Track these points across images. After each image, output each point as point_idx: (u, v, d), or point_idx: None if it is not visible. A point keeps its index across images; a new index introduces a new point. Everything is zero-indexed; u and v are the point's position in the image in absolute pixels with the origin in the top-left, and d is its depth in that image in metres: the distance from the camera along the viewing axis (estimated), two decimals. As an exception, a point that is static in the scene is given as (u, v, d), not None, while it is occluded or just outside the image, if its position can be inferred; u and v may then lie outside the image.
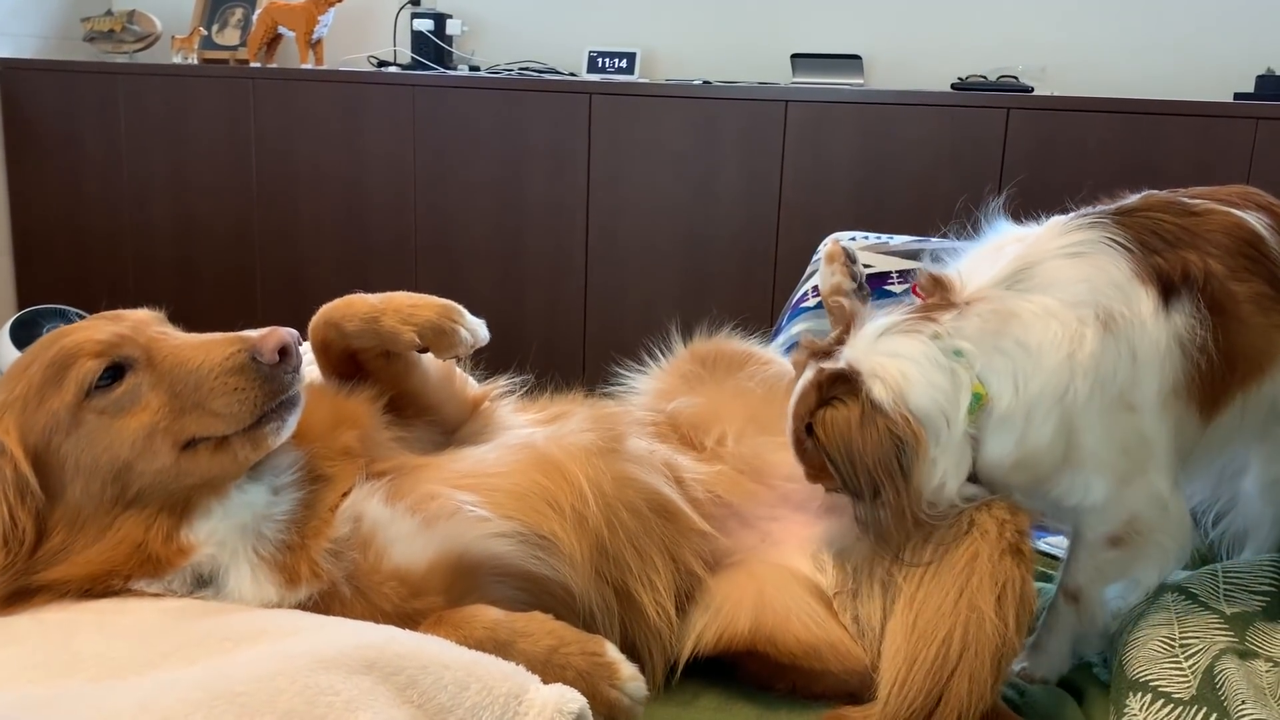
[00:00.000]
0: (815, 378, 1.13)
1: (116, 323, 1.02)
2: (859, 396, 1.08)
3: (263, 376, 0.98)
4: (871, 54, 3.48)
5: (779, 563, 1.22)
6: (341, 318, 1.14)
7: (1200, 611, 1.13)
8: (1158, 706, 1.00)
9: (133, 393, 0.97)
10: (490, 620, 0.99)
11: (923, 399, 1.07)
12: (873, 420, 1.07)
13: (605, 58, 3.65)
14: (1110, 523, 1.14)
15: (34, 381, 0.97)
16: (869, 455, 1.07)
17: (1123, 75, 3.30)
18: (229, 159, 3.62)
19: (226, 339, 1.00)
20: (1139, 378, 1.08)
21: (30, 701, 0.80)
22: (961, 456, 1.09)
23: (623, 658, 1.01)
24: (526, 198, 3.34)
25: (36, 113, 3.82)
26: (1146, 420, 1.10)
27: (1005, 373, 1.08)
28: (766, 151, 3.11)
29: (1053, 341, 1.07)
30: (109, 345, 0.98)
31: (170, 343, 1.00)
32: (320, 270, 3.58)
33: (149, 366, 0.98)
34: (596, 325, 3.35)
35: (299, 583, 0.99)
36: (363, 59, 3.91)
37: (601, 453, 1.16)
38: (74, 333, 1.00)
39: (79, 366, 0.97)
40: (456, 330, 1.13)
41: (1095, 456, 1.10)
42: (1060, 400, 1.07)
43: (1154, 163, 2.83)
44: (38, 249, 3.93)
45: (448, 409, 1.23)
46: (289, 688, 0.79)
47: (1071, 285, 1.09)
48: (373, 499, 1.05)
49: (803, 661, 1.13)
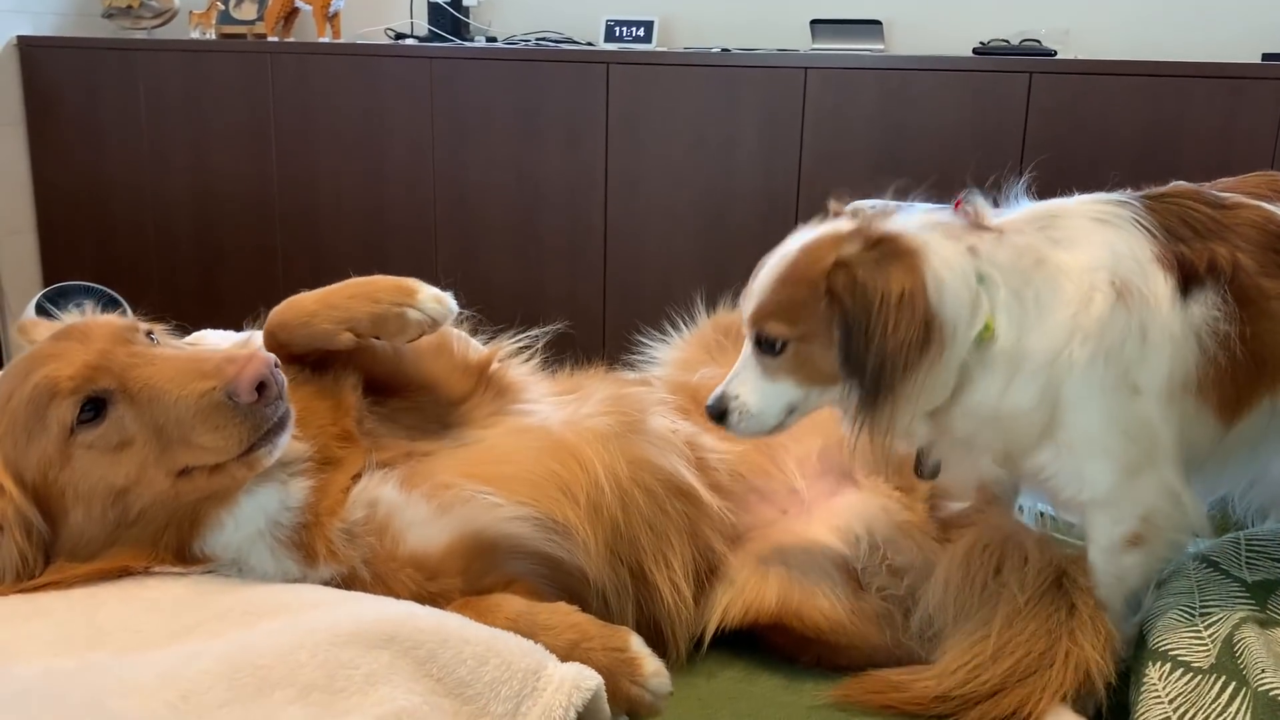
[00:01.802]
0: (863, 228, 1.06)
1: (85, 344, 0.97)
2: (913, 270, 1.01)
3: (242, 414, 0.94)
4: (892, 19, 3.44)
5: (804, 536, 1.22)
6: (279, 326, 1.10)
7: (1221, 579, 1.12)
8: (1177, 675, 1.00)
9: (117, 426, 0.95)
10: (514, 611, 0.99)
11: (950, 305, 1.02)
12: (915, 300, 1.00)
13: (623, 26, 3.62)
14: (1125, 521, 1.08)
15: (18, 419, 0.95)
16: (897, 332, 1.00)
17: (1147, 37, 3.25)
18: (248, 133, 3.63)
19: (200, 369, 0.95)
20: (1148, 358, 1.03)
21: (55, 673, 0.81)
22: (946, 383, 1.04)
23: (647, 652, 1.00)
24: (545, 168, 3.33)
25: (57, 90, 3.83)
26: (1152, 406, 1.04)
27: (1014, 316, 1.04)
28: (786, 119, 3.08)
29: (1061, 299, 1.03)
30: (82, 380, 0.94)
31: (144, 372, 0.95)
32: (340, 241, 3.59)
33: (127, 399, 0.95)
34: (616, 294, 3.35)
35: (317, 559, 1.00)
36: (379, 31, 3.90)
37: (619, 436, 1.15)
38: (45, 363, 0.96)
39: (57, 405, 0.94)
40: (404, 314, 1.07)
41: (1090, 440, 1.05)
42: (1051, 363, 1.03)
43: (1180, 126, 2.79)
44: (61, 226, 3.96)
45: (444, 382, 1.18)
46: (309, 661, 0.80)
47: (1093, 247, 1.05)
48: (387, 485, 1.05)
49: (828, 636, 1.14)
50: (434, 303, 1.08)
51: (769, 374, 1.10)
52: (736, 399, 1.12)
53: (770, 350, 1.09)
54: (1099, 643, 1.05)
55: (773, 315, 1.08)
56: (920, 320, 1.00)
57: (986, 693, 1.05)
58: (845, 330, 1.02)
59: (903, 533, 1.21)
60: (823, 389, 1.09)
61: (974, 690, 1.05)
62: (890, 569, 1.18)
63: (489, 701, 0.85)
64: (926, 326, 1.01)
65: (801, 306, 1.06)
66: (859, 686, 1.09)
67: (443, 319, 1.09)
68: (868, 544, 1.19)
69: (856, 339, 1.01)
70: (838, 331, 1.03)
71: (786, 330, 1.07)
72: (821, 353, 1.07)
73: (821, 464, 1.27)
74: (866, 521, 1.21)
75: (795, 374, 1.09)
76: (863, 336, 1.01)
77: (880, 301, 1.00)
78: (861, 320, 1.01)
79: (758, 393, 1.11)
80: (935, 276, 1.02)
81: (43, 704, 0.76)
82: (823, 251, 1.06)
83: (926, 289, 1.01)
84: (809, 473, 1.27)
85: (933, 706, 1.06)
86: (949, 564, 1.17)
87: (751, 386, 1.12)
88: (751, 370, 1.12)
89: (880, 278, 1.01)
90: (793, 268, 1.08)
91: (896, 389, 1.02)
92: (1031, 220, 1.08)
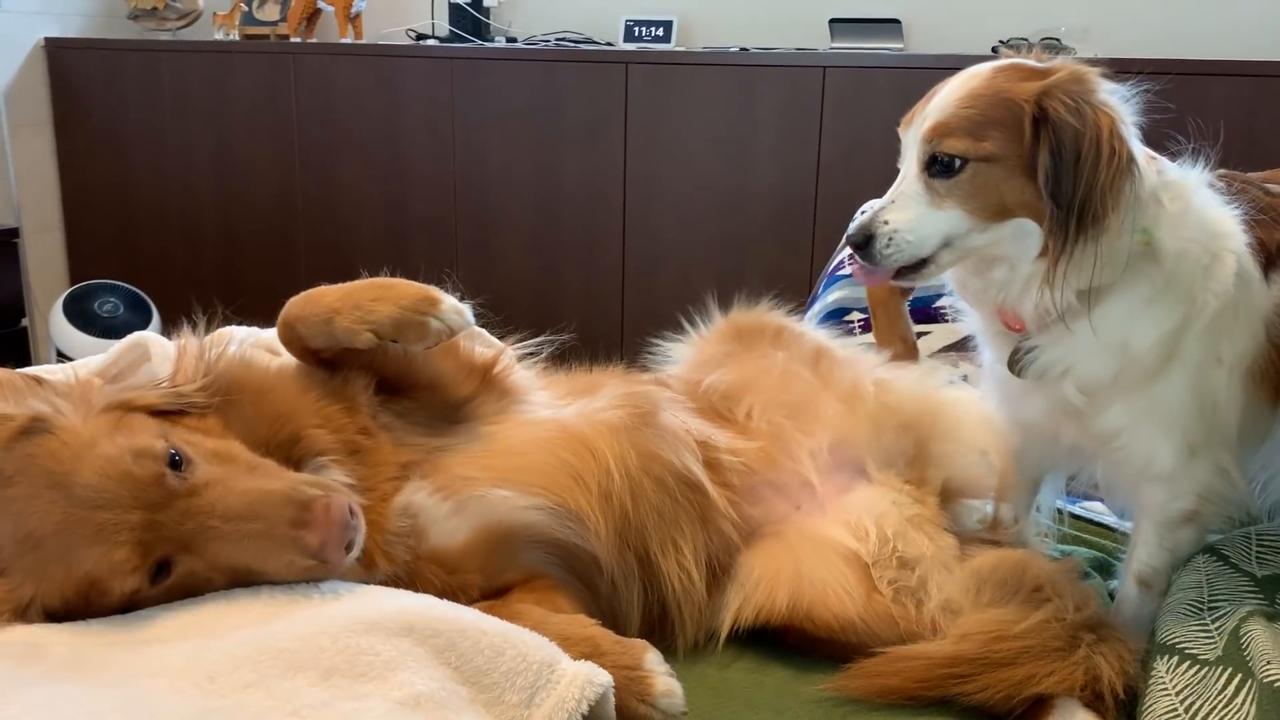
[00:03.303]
0: (1059, 64, 1.05)
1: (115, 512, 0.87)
2: (1108, 105, 1.02)
3: (329, 566, 0.92)
4: (911, 17, 3.44)
5: (815, 532, 1.22)
6: (296, 319, 1.10)
7: (1231, 573, 1.12)
8: (1184, 668, 1.01)
9: (188, 575, 0.91)
10: (532, 621, 0.99)
11: (1146, 174, 1.03)
12: (1125, 139, 1.01)
13: (642, 26, 3.63)
14: (1184, 498, 1.10)
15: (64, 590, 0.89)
16: (1111, 165, 0.99)
17: (1167, 34, 3.23)
18: (271, 132, 3.66)
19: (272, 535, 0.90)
20: (1236, 332, 1.06)
21: (84, 652, 0.84)
22: (1123, 253, 1.02)
23: (663, 670, 0.99)
24: (563, 167, 3.35)
25: (84, 90, 3.88)
26: (1225, 382, 1.07)
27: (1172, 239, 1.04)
28: (804, 118, 3.09)
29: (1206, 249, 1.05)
30: (140, 555, 0.88)
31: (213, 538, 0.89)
32: (362, 241, 3.62)
33: (194, 554, 0.90)
34: (634, 293, 3.36)
35: (376, 566, 1.01)
36: (401, 32, 3.93)
37: (630, 429, 1.16)
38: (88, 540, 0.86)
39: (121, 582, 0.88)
40: (426, 322, 1.07)
41: (1170, 409, 1.06)
42: (1191, 300, 1.04)
43: (1201, 124, 2.77)
44: (87, 224, 4.01)
45: (450, 383, 1.18)
46: (331, 646, 0.82)
47: (1225, 216, 1.08)
48: (421, 493, 1.06)
49: (840, 636, 1.14)
50: (455, 314, 1.08)
51: (935, 198, 1.06)
52: (887, 225, 1.08)
53: (945, 171, 1.05)
54: (1116, 664, 1.06)
55: (957, 132, 1.04)
56: (1127, 158, 1.00)
57: (999, 661, 1.05)
58: (1057, 156, 0.99)
59: (913, 525, 1.22)
60: (987, 224, 1.06)
61: (987, 655, 1.05)
62: (901, 560, 1.18)
63: (504, 691, 0.87)
64: (1131, 167, 1.00)
65: (995, 125, 1.02)
66: (866, 669, 1.09)
67: (460, 330, 1.09)
68: (877, 537, 1.20)
69: (1070, 167, 0.99)
70: (1048, 157, 1.00)
71: (972, 148, 1.03)
72: (1004, 178, 1.03)
73: (833, 458, 1.28)
74: (876, 515, 1.22)
75: (969, 200, 1.05)
76: (1076, 165, 0.98)
77: (1098, 131, 0.99)
78: (1081, 148, 0.99)
79: (918, 217, 1.07)
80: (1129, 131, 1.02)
81: (73, 685, 0.78)
82: (1023, 75, 1.04)
83: (1136, 142, 1.02)
84: (821, 468, 1.28)
85: (943, 668, 1.05)
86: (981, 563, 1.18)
87: (910, 213, 1.07)
88: (912, 196, 1.07)
89: (1093, 110, 1.00)
90: (988, 86, 1.04)
91: (1100, 223, 1.00)
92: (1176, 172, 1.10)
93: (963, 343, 1.78)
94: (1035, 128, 1.01)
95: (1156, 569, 1.14)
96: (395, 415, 1.13)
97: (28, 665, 0.81)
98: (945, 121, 1.05)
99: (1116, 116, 1.03)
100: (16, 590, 0.89)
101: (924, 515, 1.24)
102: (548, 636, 0.95)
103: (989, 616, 1.10)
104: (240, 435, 1.00)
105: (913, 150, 1.09)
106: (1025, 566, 1.17)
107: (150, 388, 1.02)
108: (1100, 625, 1.09)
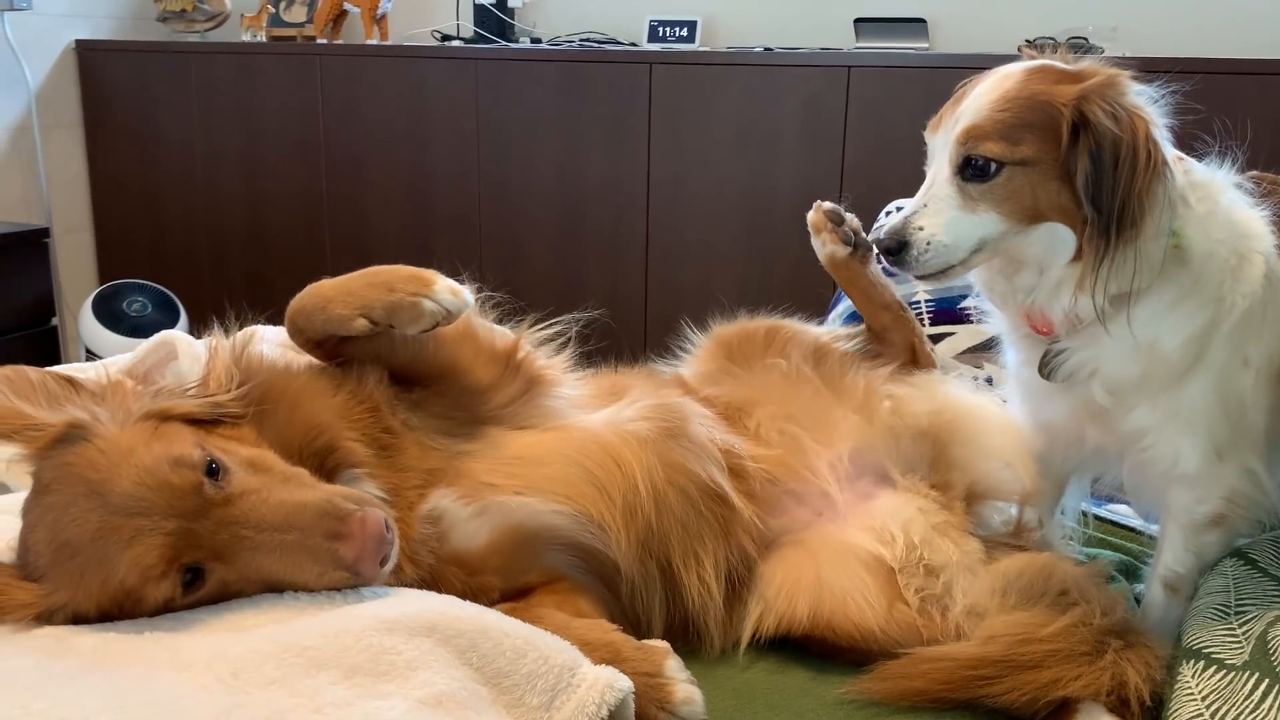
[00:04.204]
0: (1091, 67, 1.05)
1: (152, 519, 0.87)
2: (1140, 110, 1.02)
3: (360, 580, 0.92)
4: (936, 16, 3.42)
5: (837, 539, 1.22)
6: (296, 312, 1.10)
7: (1258, 578, 1.11)
8: (1210, 673, 1.00)
9: (221, 585, 0.91)
10: (553, 625, 1.00)
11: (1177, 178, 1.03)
12: (1159, 144, 1.02)
13: (666, 26, 3.63)
14: (1210, 500, 1.10)
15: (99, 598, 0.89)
16: (1148, 170, 0.99)
17: (1196, 33, 3.20)
18: (297, 134, 3.69)
19: (309, 548, 0.90)
20: (1264, 335, 1.05)
21: (109, 646, 0.84)
22: (1158, 256, 1.02)
23: (683, 676, 0.98)
24: (587, 168, 3.36)
25: (113, 92, 3.92)
26: (1251, 382, 1.06)
27: (1201, 241, 1.04)
28: (829, 118, 3.08)
29: (1232, 251, 1.05)
30: (171, 560, 0.88)
31: (248, 548, 0.89)
32: (388, 242, 3.64)
33: (227, 564, 0.90)
34: (656, 292, 3.36)
35: (404, 571, 1.02)
36: (426, 33, 3.94)
37: (657, 441, 1.15)
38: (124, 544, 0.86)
39: (154, 588, 0.88)
40: (418, 303, 1.05)
41: (1195, 411, 1.06)
42: (1218, 299, 1.04)
43: (1232, 125, 2.74)
44: (116, 224, 4.05)
45: (469, 369, 1.16)
46: (354, 645, 0.83)
47: (1255, 219, 1.08)
48: (446, 499, 1.06)
49: (861, 644, 1.14)
50: (449, 294, 1.06)
51: (969, 202, 1.05)
52: (921, 230, 1.07)
53: (979, 175, 1.05)
54: (1143, 670, 1.05)
55: (993, 135, 1.03)
56: (1161, 162, 1.01)
57: (1025, 664, 1.04)
58: (1097, 161, 1.00)
59: (939, 533, 1.21)
60: (1022, 228, 1.06)
61: (1013, 657, 1.04)
62: (927, 567, 1.18)
63: (525, 693, 0.87)
64: (1164, 171, 1.01)
65: (1031, 128, 1.02)
66: (890, 670, 1.08)
67: (458, 310, 1.07)
68: (904, 543, 1.19)
69: (1109, 172, 0.99)
70: (1088, 162, 1.00)
71: (1008, 151, 1.02)
72: (1040, 182, 1.03)
73: (854, 467, 1.27)
74: (902, 522, 1.21)
75: (1003, 204, 1.04)
76: (1115, 170, 0.99)
77: (1134, 136, 0.99)
78: (1119, 153, 0.99)
79: (952, 222, 1.06)
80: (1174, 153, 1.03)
81: (98, 678, 0.79)
82: (1056, 78, 1.04)
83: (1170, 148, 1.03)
84: (841, 476, 1.27)
85: (968, 670, 1.04)
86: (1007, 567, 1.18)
87: (944, 217, 1.06)
88: (944, 199, 1.06)
89: (1129, 114, 1.01)
90: (1022, 88, 1.03)
91: (1137, 227, 1.00)
92: (1203, 172, 1.10)
93: (987, 344, 1.77)
94: (1074, 132, 1.01)
95: (1182, 573, 1.14)
96: (413, 407, 1.11)
97: (57, 659, 0.82)
98: (979, 124, 1.04)
99: (1150, 120, 1.03)
100: (50, 596, 0.89)
101: (950, 522, 1.23)
102: (568, 641, 0.95)
103: (1015, 619, 1.10)
104: (274, 444, 1.00)
105: (944, 153, 1.07)
106: (1051, 570, 1.16)
107: (186, 395, 1.02)
108: (1127, 631, 1.08)
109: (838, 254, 1.42)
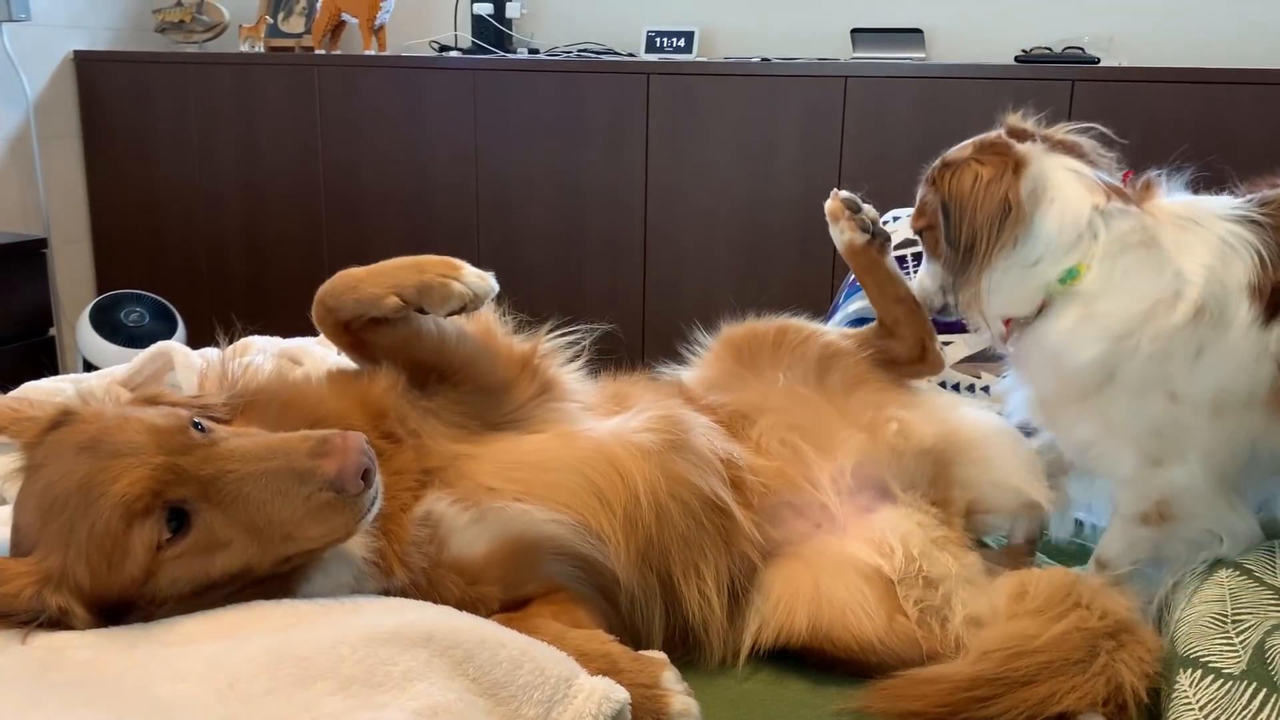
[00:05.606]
0: (986, 140, 1.25)
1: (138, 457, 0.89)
2: (1004, 166, 1.18)
3: (348, 504, 0.91)
4: (933, 27, 3.43)
5: (837, 551, 1.22)
6: (326, 294, 1.12)
7: (1255, 587, 1.11)
8: (1207, 682, 1.00)
9: (207, 533, 0.90)
10: (550, 635, 1.00)
11: (1051, 217, 1.17)
12: (997, 183, 1.17)
13: (663, 37, 3.64)
14: (1141, 501, 1.20)
15: (93, 551, 0.88)
16: (982, 209, 1.17)
17: (1193, 44, 3.22)
18: (296, 144, 3.69)
19: (293, 468, 0.90)
20: (1195, 373, 1.12)
21: (106, 658, 0.84)
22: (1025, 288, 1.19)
23: (680, 688, 0.99)
24: (586, 178, 3.36)
25: (111, 103, 3.93)
26: (1188, 414, 1.14)
27: (1103, 272, 1.15)
28: (826, 128, 3.09)
29: (1147, 286, 1.13)
30: (156, 493, 0.88)
31: (232, 480, 0.90)
32: (387, 252, 3.59)
33: (213, 504, 0.90)
34: (655, 302, 3.37)
35: (393, 572, 1.02)
36: (424, 44, 3.95)
37: (661, 453, 1.15)
38: (103, 486, 0.87)
39: (139, 527, 0.88)
40: (447, 285, 1.09)
41: (1123, 425, 1.17)
42: (1120, 337, 1.13)
43: (1227, 133, 2.76)
44: (114, 235, 4.06)
45: (485, 370, 1.17)
46: (350, 656, 0.83)
47: (1198, 264, 1.13)
48: (441, 502, 1.07)
49: (859, 656, 1.14)
50: (476, 279, 1.11)
51: (926, 258, 1.36)
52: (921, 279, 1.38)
53: (920, 238, 1.33)
54: (1137, 668, 1.05)
55: (915, 210, 1.31)
56: (1001, 198, 1.17)
57: (1019, 680, 1.04)
58: (944, 213, 1.22)
59: (938, 546, 1.22)
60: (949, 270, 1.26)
61: (1006, 673, 1.05)
62: (927, 580, 1.18)
63: (521, 704, 0.87)
64: (1006, 205, 1.16)
65: (925, 202, 1.28)
66: (888, 690, 1.08)
67: (484, 294, 1.11)
68: (903, 554, 1.19)
69: (951, 219, 1.21)
70: (940, 216, 1.22)
71: (919, 221, 1.30)
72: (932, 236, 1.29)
73: (855, 481, 1.27)
74: (902, 534, 1.21)
75: (933, 258, 1.33)
76: (955, 215, 1.20)
77: (972, 183, 1.19)
78: (952, 203, 1.20)
79: (924, 271, 1.37)
80: (1035, 183, 1.18)
81: (95, 689, 0.79)
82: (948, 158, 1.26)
83: (1017, 182, 1.17)
84: (842, 489, 1.27)
85: (964, 691, 1.05)
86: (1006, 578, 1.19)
87: (923, 269, 1.38)
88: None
89: (971, 170, 1.20)
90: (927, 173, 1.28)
91: (982, 258, 1.19)
92: (1176, 213, 1.18)
93: (983, 353, 1.78)
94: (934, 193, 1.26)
95: (1112, 559, 1.25)
96: (427, 413, 1.12)
97: (50, 673, 0.82)
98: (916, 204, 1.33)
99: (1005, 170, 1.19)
100: (44, 560, 0.89)
101: (949, 537, 1.23)
102: (565, 652, 0.95)
103: (1008, 631, 1.10)
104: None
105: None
106: (1052, 580, 1.16)
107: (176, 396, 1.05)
108: (1120, 630, 1.09)
109: (856, 241, 1.44)
